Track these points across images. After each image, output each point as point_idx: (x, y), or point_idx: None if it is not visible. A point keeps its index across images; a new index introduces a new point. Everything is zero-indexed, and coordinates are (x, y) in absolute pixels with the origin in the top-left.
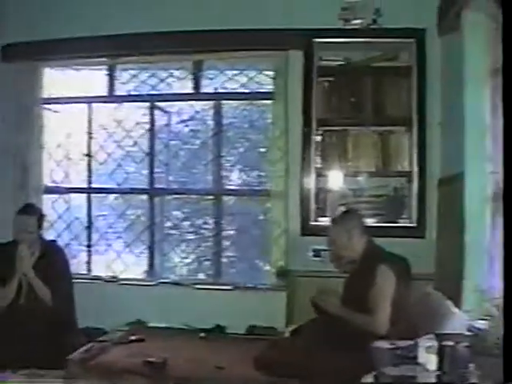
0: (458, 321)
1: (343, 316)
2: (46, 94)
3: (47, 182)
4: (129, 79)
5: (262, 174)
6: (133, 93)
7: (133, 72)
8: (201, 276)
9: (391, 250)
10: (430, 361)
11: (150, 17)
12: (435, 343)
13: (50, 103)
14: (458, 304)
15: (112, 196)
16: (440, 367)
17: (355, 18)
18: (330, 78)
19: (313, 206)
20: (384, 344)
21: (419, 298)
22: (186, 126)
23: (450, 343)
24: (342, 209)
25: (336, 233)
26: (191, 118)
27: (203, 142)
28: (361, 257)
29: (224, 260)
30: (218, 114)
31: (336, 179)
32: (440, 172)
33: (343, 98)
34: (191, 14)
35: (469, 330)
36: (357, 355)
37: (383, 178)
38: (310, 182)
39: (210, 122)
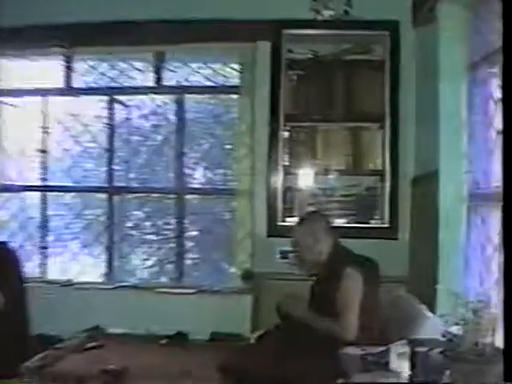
0: (432, 326)
1: (310, 321)
2: None
3: (0, 179)
4: (87, 71)
5: (227, 171)
6: (91, 85)
7: (91, 63)
8: (162, 279)
9: (363, 252)
10: (402, 367)
11: (109, 5)
12: (408, 349)
13: (3, 95)
14: (432, 308)
15: (69, 195)
16: (413, 374)
17: (326, 9)
18: (300, 72)
19: (280, 205)
20: (354, 350)
21: (391, 302)
22: (147, 120)
23: (424, 349)
24: (308, 210)
25: (300, 234)
26: (153, 113)
27: (165, 138)
28: (327, 259)
29: (187, 262)
30: (181, 108)
31: (305, 178)
32: (414, 171)
33: (313, 93)
34: (153, 3)
35: (443, 336)
36: (325, 362)
37: (354, 177)
38: (278, 181)
39: (173, 117)
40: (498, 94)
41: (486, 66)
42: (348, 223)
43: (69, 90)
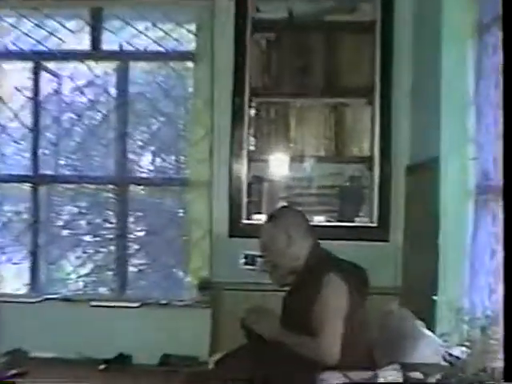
0: (430, 347)
1: (282, 341)
2: None
3: None
4: (6, 30)
5: (181, 157)
6: (11, 49)
7: (11, 21)
8: (101, 290)
9: (346, 257)
10: None
11: None
12: (400, 375)
13: None
14: (430, 325)
15: None
16: None
17: None
18: (270, 35)
19: (245, 199)
20: (334, 376)
21: (380, 318)
22: (83, 94)
23: (419, 375)
24: (280, 205)
25: (271, 235)
26: (89, 85)
27: (104, 116)
28: (303, 265)
29: (131, 269)
30: (123, 79)
31: (275, 165)
32: (409, 157)
33: (286, 61)
34: None
35: (444, 359)
36: None
37: (336, 165)
38: (242, 169)
39: (114, 90)
40: None
41: (499, 29)
42: (328, 221)
43: None
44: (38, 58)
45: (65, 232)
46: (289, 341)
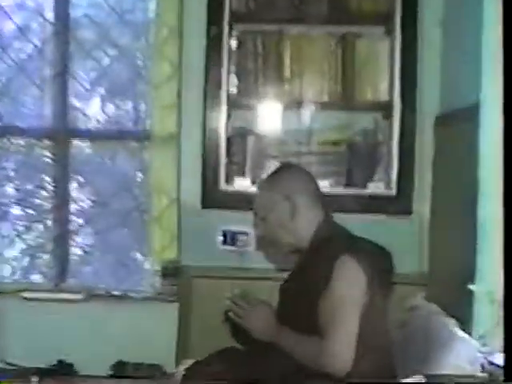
0: (465, 353)
1: (278, 342)
2: None
3: None
4: None
5: (139, 104)
6: None
7: None
8: (34, 278)
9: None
10: None
11: None
12: None
13: None
14: (465, 324)
15: None
16: None
17: None
18: None
19: (223, 159)
20: None
21: (401, 315)
22: (9, 18)
23: None
24: (277, 163)
25: (268, 202)
26: (18, 7)
27: (38, 49)
28: (310, 244)
29: (74, 251)
30: None
31: (263, 114)
32: (439, 104)
33: None
34: None
35: (482, 368)
36: None
37: (344, 114)
38: (220, 119)
39: (50, 14)
40: None
41: None
42: (332, 188)
43: None
44: None
45: None
46: (287, 342)
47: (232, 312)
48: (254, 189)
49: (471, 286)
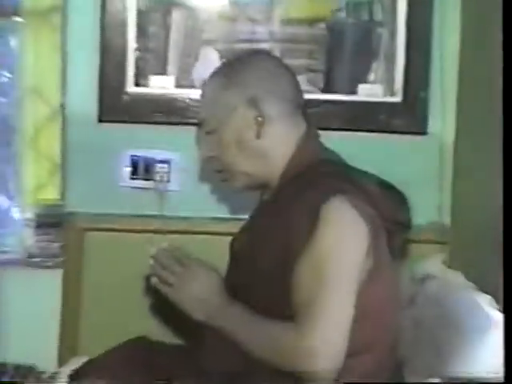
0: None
1: (225, 327)
2: None
3: None
4: None
5: None
6: None
7: None
8: None
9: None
10: None
11: None
12: None
13: None
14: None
15: None
16: None
17: None
18: None
19: (132, 45)
20: None
21: (411, 288)
22: None
23: None
24: (218, 52)
25: (219, 110)
26: None
27: None
28: (282, 175)
29: None
30: None
31: None
32: None
33: None
34: None
35: None
36: None
37: None
38: None
39: None
40: None
41: None
42: (306, 92)
43: None
44: None
45: None
46: (241, 328)
47: (156, 278)
48: (181, 91)
49: None
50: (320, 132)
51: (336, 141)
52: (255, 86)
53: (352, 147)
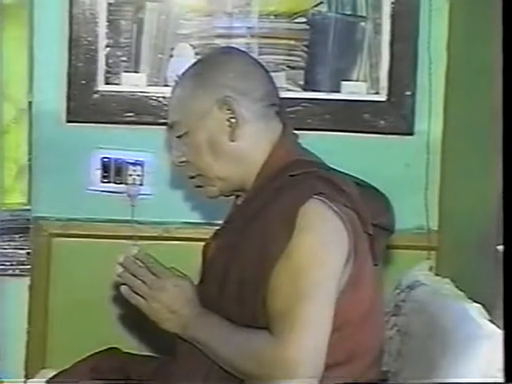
0: (496, 354)
1: (196, 337)
2: None
3: None
4: None
5: None
6: None
7: None
8: None
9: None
10: None
11: None
12: None
13: None
14: (495, 312)
15: None
16: None
17: None
18: None
19: (102, 41)
20: None
21: (396, 297)
22: None
23: None
24: (194, 48)
25: (190, 111)
26: None
27: None
28: (258, 179)
29: None
30: None
31: None
32: None
33: None
34: None
35: None
36: None
37: None
38: None
39: None
40: None
41: None
42: (289, 91)
43: None
44: None
45: None
46: (213, 338)
47: (126, 286)
48: (154, 89)
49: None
50: (300, 132)
51: (317, 141)
52: (227, 86)
53: (334, 148)
